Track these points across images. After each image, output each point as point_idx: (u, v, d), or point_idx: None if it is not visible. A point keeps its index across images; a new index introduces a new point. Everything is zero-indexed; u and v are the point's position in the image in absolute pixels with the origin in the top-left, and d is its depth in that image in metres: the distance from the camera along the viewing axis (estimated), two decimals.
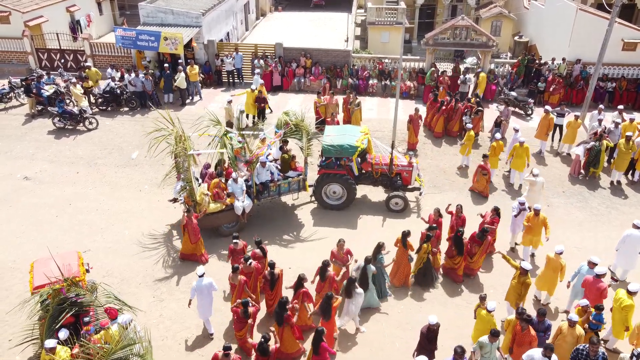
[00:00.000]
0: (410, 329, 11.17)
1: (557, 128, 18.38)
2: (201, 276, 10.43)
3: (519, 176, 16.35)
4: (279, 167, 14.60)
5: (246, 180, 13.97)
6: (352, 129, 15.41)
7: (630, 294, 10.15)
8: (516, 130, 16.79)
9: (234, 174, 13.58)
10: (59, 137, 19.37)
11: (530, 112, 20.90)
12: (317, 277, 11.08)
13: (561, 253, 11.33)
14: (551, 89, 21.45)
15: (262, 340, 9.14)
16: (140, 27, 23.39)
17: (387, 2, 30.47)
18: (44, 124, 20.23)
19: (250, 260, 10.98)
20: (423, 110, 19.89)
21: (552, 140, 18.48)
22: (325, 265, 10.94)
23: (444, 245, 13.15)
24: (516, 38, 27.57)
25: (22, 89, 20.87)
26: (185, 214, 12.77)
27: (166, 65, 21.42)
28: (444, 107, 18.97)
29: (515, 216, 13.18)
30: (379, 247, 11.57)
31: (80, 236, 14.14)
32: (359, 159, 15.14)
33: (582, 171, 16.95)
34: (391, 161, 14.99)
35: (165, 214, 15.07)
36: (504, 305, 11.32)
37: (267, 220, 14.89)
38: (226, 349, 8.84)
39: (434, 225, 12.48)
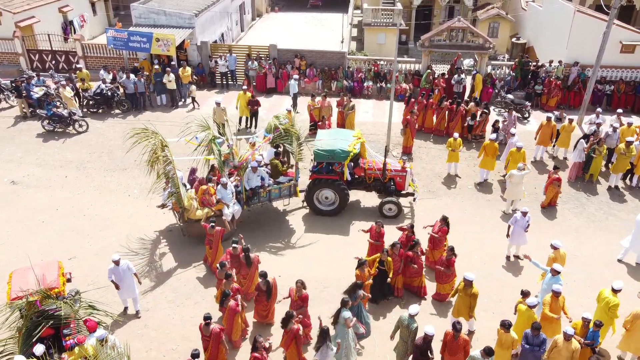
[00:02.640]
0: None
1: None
2: (117, 261, 10.83)
3: None
4: (269, 172, 14.28)
5: (236, 186, 13.65)
6: (344, 133, 15.12)
7: (615, 292, 10.07)
8: (512, 135, 16.51)
9: (222, 180, 13.26)
10: (48, 140, 19.05)
11: (527, 115, 20.60)
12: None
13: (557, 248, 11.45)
14: (551, 93, 21.21)
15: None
16: (133, 28, 23.09)
17: (383, 3, 30.14)
18: (33, 126, 19.90)
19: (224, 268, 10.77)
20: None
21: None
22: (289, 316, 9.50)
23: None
24: (514, 40, 27.29)
25: (13, 90, 20.52)
26: (208, 228, 12.31)
27: (156, 67, 21.07)
28: (412, 101, 19.05)
29: (510, 226, 12.91)
30: (355, 287, 10.42)
31: (67, 242, 13.82)
32: (352, 164, 14.84)
33: (579, 175, 16.68)
34: (384, 166, 14.68)
35: (154, 219, 14.74)
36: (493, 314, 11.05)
37: (258, 226, 14.57)
38: (207, 318, 9.37)
39: (397, 242, 11.69)
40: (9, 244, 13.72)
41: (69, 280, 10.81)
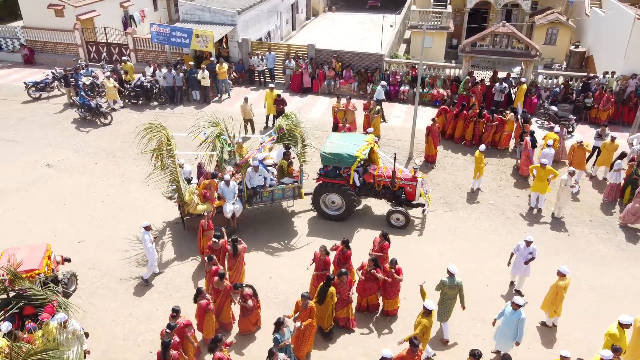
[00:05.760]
0: (378, 357, 10.39)
1: (596, 150, 16.63)
2: (147, 228, 12.00)
3: (541, 200, 14.96)
4: (274, 172, 14.21)
5: (239, 183, 13.70)
6: (356, 138, 14.72)
7: (622, 326, 9.23)
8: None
9: (225, 177, 13.35)
10: (88, 128, 20.11)
11: (571, 129, 19.08)
12: None
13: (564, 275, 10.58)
14: (603, 106, 19.55)
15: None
16: (179, 23, 23.88)
17: (434, 6, 29.13)
18: (77, 114, 21.08)
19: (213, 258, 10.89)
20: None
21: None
22: None
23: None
24: (572, 48, 25.41)
25: (61, 79, 21.87)
26: (205, 218, 12.47)
27: (191, 62, 21.65)
28: (441, 107, 18.49)
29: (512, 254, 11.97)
30: (280, 325, 9.29)
31: (80, 226, 14.49)
32: (361, 170, 14.44)
33: (616, 198, 15.27)
34: (394, 174, 14.16)
35: (166, 211, 15.12)
36: None
37: (262, 225, 14.55)
38: (174, 311, 9.55)
39: (344, 270, 10.65)
40: (30, 224, 14.58)
41: (59, 263, 11.27)
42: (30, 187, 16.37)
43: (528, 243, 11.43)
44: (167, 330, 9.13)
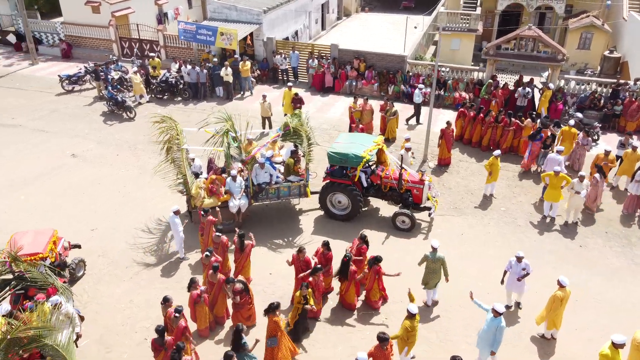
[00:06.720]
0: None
1: (619, 160, 16.01)
2: (176, 212, 12.60)
3: (554, 208, 14.54)
4: (281, 169, 14.36)
5: (246, 180, 13.92)
6: (364, 138, 14.68)
7: (615, 346, 8.81)
8: (557, 152, 14.93)
9: (232, 172, 13.60)
10: (114, 121, 20.85)
11: (596, 137, 18.40)
12: None
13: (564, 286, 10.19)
14: (633, 115, 18.80)
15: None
16: (207, 21, 24.41)
17: (464, 7, 28.63)
18: (105, 107, 21.87)
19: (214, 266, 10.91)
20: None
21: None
22: None
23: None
24: (606, 53, 24.44)
25: (92, 73, 22.72)
26: (202, 216, 12.68)
27: (215, 59, 22.09)
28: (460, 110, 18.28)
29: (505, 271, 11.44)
30: (239, 333, 9.14)
31: (95, 215, 15.05)
32: (369, 170, 14.41)
33: (635, 210, 14.67)
34: (400, 176, 14.05)
35: (178, 202, 15.42)
36: None
37: (268, 222, 14.73)
38: (165, 300, 9.82)
39: (319, 266, 10.75)
40: (47, 210, 15.24)
41: (66, 249, 11.76)
42: (52, 175, 17.11)
43: (519, 259, 10.92)
44: (176, 315, 9.35)
